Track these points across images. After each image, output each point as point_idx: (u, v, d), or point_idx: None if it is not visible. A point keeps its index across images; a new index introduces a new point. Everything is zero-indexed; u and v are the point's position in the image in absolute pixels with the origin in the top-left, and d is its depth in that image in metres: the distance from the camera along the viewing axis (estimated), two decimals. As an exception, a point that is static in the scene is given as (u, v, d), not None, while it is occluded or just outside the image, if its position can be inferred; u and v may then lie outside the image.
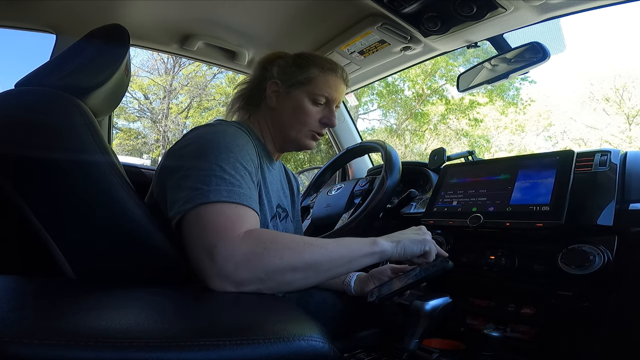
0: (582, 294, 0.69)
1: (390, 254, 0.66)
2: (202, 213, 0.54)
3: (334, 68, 0.80)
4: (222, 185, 0.56)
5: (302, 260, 0.55)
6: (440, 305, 0.67)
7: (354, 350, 0.73)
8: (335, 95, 0.80)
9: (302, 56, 0.81)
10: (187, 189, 0.56)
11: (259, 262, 0.52)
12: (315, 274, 0.56)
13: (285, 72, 0.79)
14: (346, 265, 0.60)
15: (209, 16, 1.16)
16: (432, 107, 10.60)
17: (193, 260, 0.53)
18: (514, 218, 0.77)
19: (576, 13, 0.92)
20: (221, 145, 0.61)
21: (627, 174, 0.75)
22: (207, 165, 0.58)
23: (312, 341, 0.38)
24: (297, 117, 0.78)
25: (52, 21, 1.12)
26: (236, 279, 0.51)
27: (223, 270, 0.50)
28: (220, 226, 0.53)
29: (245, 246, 0.52)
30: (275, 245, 0.54)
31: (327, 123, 0.80)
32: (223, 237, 0.52)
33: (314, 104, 0.78)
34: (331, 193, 1.27)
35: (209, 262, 0.51)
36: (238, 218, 0.55)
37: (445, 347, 0.75)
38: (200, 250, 0.52)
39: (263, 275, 0.52)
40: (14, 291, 0.43)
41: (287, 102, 0.78)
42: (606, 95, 10.40)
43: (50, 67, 0.62)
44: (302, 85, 0.78)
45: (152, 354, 0.31)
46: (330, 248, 0.58)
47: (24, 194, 0.53)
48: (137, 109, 11.38)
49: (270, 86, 0.79)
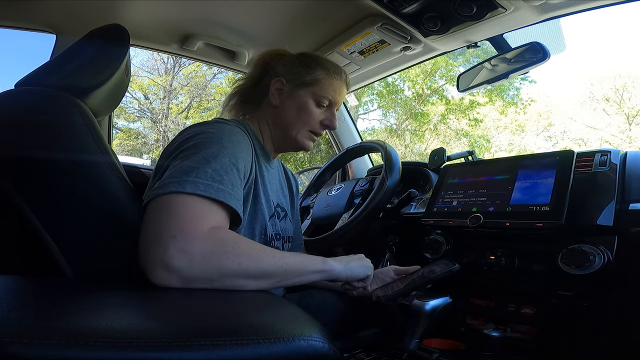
0: (582, 294, 0.69)
1: (338, 273, 0.66)
2: (171, 200, 0.51)
3: (339, 71, 0.81)
4: (202, 178, 0.53)
5: (258, 268, 0.54)
6: (440, 305, 0.67)
7: (354, 350, 0.74)
8: (338, 98, 0.81)
9: (307, 56, 0.81)
10: (167, 177, 0.54)
11: (215, 263, 0.49)
12: (267, 283, 0.55)
13: (291, 72, 0.79)
14: (297, 278, 0.59)
15: (209, 16, 1.16)
16: (432, 107, 10.60)
17: (140, 246, 0.49)
18: (514, 218, 0.77)
19: (576, 13, 0.92)
20: (214, 141, 0.60)
21: (627, 174, 0.75)
22: (195, 158, 0.56)
23: (312, 341, 0.38)
24: (300, 117, 0.78)
25: (52, 21, 1.12)
26: (186, 274, 0.48)
27: (174, 263, 0.47)
28: (187, 217, 0.50)
29: (206, 243, 0.49)
30: (237, 250, 0.52)
31: (329, 125, 0.81)
32: (185, 229, 0.49)
33: (317, 105, 0.79)
34: (331, 193, 1.27)
35: (159, 251, 0.47)
36: (207, 214, 0.52)
37: (445, 347, 0.75)
38: (153, 236, 0.49)
39: (215, 276, 0.50)
40: (14, 291, 0.43)
41: (291, 101, 0.78)
42: (606, 95, 10.39)
43: (50, 67, 0.62)
44: (308, 86, 0.78)
45: (152, 354, 0.31)
46: (287, 261, 0.58)
47: (24, 194, 0.53)
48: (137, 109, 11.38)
49: (274, 84, 0.79)
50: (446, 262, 0.70)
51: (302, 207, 1.31)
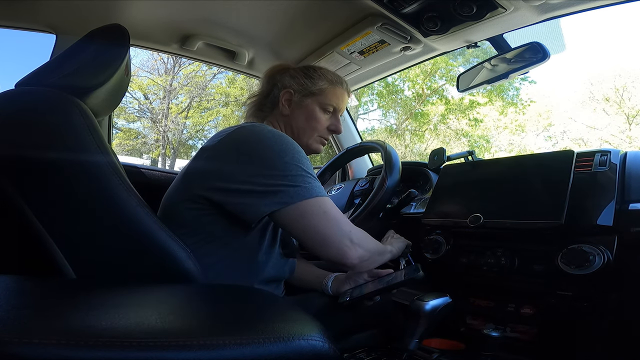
0: (582, 294, 0.69)
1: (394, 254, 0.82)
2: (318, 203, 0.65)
3: (340, 81, 0.91)
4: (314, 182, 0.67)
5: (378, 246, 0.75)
6: (440, 305, 0.67)
7: (354, 350, 0.73)
8: (341, 105, 0.91)
9: (310, 68, 0.90)
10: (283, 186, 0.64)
11: (367, 244, 0.71)
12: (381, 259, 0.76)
13: (298, 83, 0.88)
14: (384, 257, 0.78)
15: (209, 16, 1.16)
16: (432, 107, 10.60)
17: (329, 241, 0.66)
18: (514, 218, 0.77)
19: (576, 13, 0.92)
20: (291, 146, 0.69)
21: (627, 174, 0.75)
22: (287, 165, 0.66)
23: (312, 341, 0.38)
24: (309, 124, 0.87)
25: (52, 21, 1.12)
26: (363, 256, 0.68)
27: (358, 250, 0.67)
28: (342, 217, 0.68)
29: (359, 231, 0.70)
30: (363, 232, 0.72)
31: (334, 130, 0.90)
32: (349, 226, 0.68)
33: (323, 112, 0.88)
34: (331, 193, 1.27)
35: (350, 244, 0.67)
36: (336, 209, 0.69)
37: (445, 347, 0.75)
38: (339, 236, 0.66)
39: (368, 255, 0.70)
40: (14, 291, 0.43)
41: (300, 110, 0.87)
42: (606, 95, 10.40)
43: (50, 67, 0.62)
44: (314, 95, 0.87)
45: (152, 354, 0.31)
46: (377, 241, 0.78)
47: (24, 194, 0.53)
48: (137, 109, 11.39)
49: (283, 95, 0.87)
50: (414, 267, 0.71)
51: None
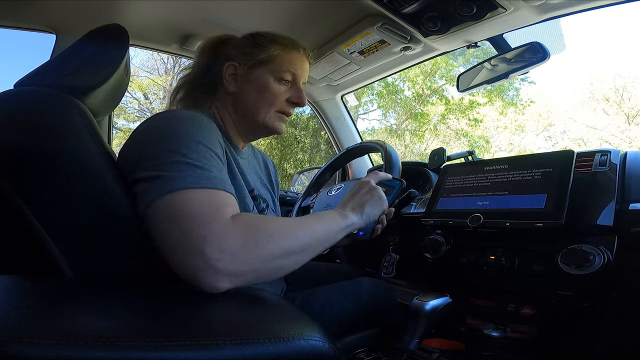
0: (582, 294, 0.69)
1: (359, 225, 0.66)
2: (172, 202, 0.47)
3: (295, 45, 0.76)
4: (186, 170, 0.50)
5: (296, 243, 0.52)
6: (440, 305, 0.67)
7: (354, 350, 0.73)
8: (300, 72, 0.75)
9: (258, 35, 0.76)
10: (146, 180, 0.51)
11: (254, 250, 0.47)
12: (304, 256, 0.53)
13: (243, 53, 0.74)
14: (327, 243, 0.58)
15: (209, 16, 1.15)
16: (432, 107, 10.59)
17: (175, 257, 0.46)
18: (514, 218, 0.77)
19: (576, 13, 0.92)
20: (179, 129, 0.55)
21: (627, 174, 0.75)
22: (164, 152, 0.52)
23: (312, 340, 0.38)
24: (262, 98, 0.73)
25: (52, 21, 1.12)
26: (233, 270, 0.45)
27: (218, 263, 0.44)
28: (203, 214, 0.46)
29: (238, 233, 0.47)
30: (268, 230, 0.49)
31: (297, 102, 0.75)
32: (209, 226, 0.45)
33: (279, 82, 0.73)
34: (331, 193, 1.27)
35: (199, 256, 0.44)
36: (217, 204, 0.49)
37: (445, 347, 0.75)
38: (183, 245, 0.45)
39: (259, 264, 0.47)
40: (14, 291, 0.43)
41: (249, 84, 0.73)
42: (606, 95, 10.39)
43: (50, 67, 0.62)
44: (264, 64, 0.73)
45: (152, 354, 0.31)
46: (314, 227, 0.56)
47: (24, 194, 0.53)
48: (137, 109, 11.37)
49: (227, 69, 0.73)
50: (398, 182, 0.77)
51: (302, 207, 1.32)
